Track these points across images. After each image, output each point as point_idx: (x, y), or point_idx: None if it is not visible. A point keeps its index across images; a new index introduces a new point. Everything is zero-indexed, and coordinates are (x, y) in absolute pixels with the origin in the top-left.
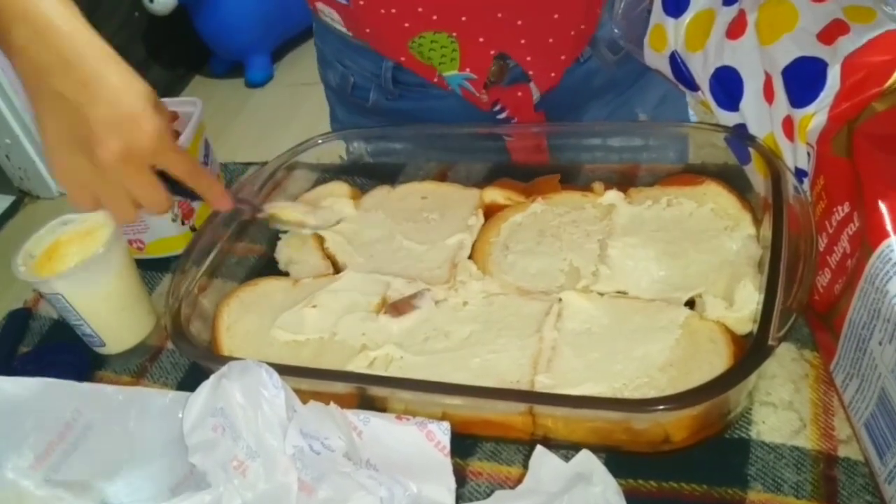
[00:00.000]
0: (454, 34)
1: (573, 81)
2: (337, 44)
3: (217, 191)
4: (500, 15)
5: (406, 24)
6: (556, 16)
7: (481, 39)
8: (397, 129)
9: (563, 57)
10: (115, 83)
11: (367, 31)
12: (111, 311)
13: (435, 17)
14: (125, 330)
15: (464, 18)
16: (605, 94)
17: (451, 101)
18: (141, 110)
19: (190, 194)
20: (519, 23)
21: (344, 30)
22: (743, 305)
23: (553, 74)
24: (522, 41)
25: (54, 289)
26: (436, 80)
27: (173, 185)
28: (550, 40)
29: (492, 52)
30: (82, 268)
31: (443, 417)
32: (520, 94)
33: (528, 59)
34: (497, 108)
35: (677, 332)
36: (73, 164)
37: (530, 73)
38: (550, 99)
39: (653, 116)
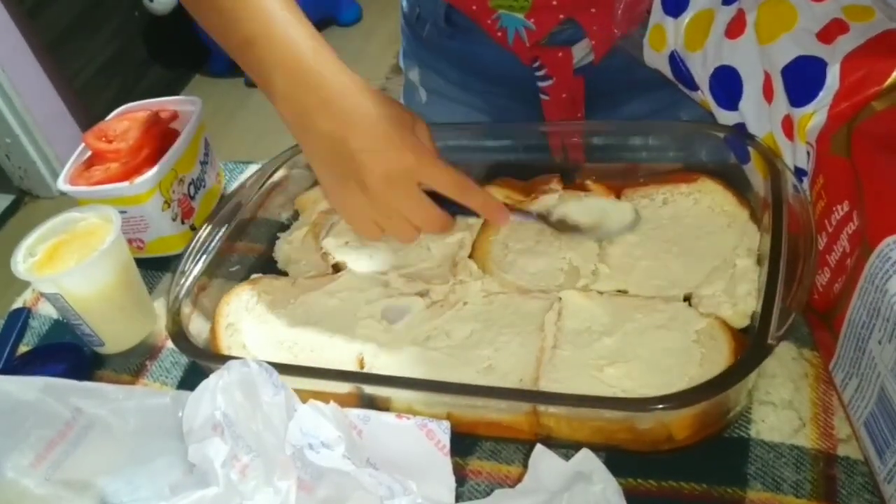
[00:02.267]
0: None
1: (615, 66)
2: None
3: (492, 205)
4: None
5: None
6: None
7: (555, 2)
8: None
9: (618, 32)
10: (370, 111)
11: None
12: (110, 311)
13: None
14: (125, 330)
15: None
16: (651, 91)
17: (494, 49)
18: (396, 132)
19: (468, 210)
20: None
21: None
22: (741, 300)
23: (611, 47)
24: (592, 10)
25: (54, 288)
26: (489, 22)
27: (452, 205)
28: (619, 12)
29: (560, 16)
30: (82, 267)
31: (446, 418)
32: (560, 54)
33: (594, 28)
34: (537, 64)
35: (677, 329)
36: (350, 198)
37: (593, 42)
38: (589, 79)
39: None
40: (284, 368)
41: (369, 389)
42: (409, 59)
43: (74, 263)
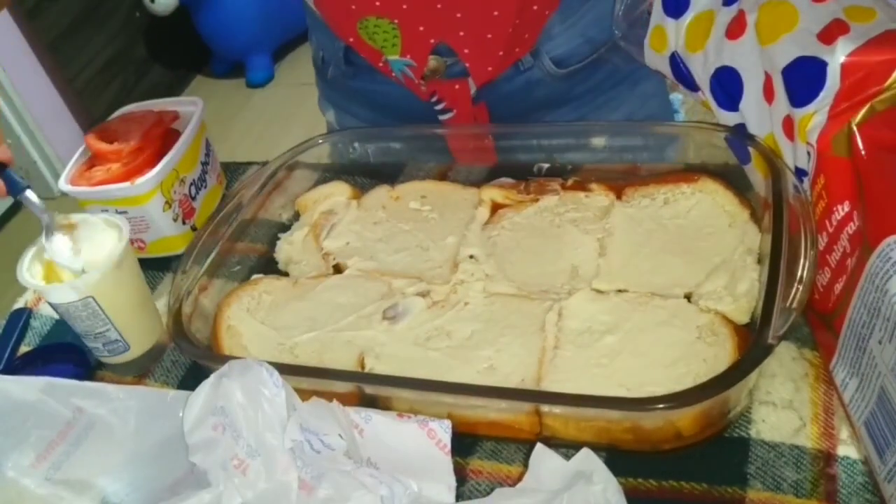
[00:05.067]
0: (396, 21)
1: (514, 89)
2: (311, 18)
3: None
4: (439, 6)
5: (353, 6)
6: (495, 13)
7: (421, 28)
8: (397, 129)
9: (500, 53)
10: None
11: (322, 9)
12: (134, 312)
13: (378, 3)
14: (144, 331)
15: (405, 6)
16: (555, 109)
17: (394, 87)
18: None
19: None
20: (458, 15)
21: (311, 5)
22: (742, 297)
23: (490, 69)
24: (461, 33)
25: (83, 293)
26: (381, 64)
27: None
28: (489, 35)
29: (431, 41)
30: (107, 267)
31: (447, 418)
32: (457, 87)
33: (466, 51)
34: (434, 98)
35: (679, 326)
36: None
37: (467, 64)
38: (494, 105)
39: None
40: (285, 368)
41: (370, 389)
42: (324, 101)
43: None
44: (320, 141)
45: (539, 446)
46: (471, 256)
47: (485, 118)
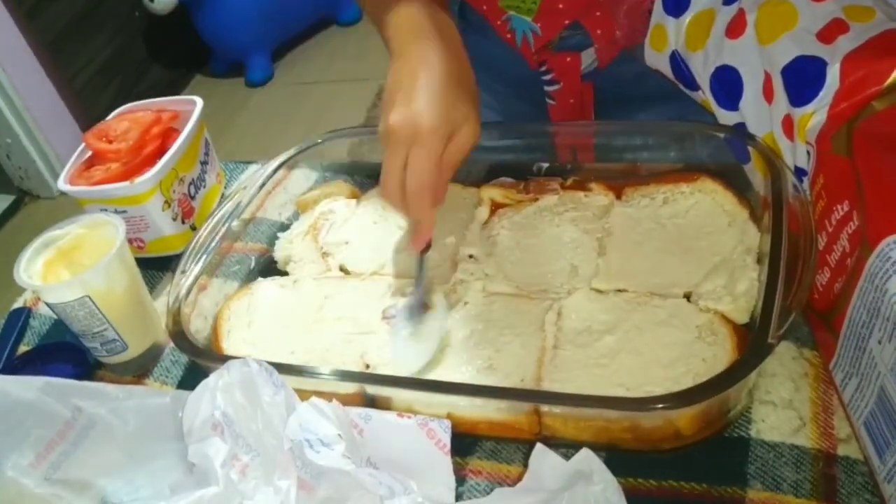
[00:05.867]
0: None
1: (624, 75)
2: None
3: (422, 231)
4: None
5: None
6: None
7: (561, 6)
8: None
9: (629, 39)
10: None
11: None
12: (132, 311)
13: None
14: (142, 331)
15: None
16: (662, 103)
17: (505, 49)
18: (423, 91)
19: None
20: None
21: None
22: (741, 297)
23: (616, 53)
24: (598, 13)
25: (79, 292)
26: (500, 22)
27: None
28: (624, 20)
29: (565, 22)
30: (104, 266)
31: (446, 418)
32: (568, 59)
33: (599, 32)
34: (544, 68)
35: (678, 326)
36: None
37: (597, 45)
38: (602, 87)
39: None
40: (285, 368)
41: (370, 389)
42: None
43: (80, 273)
44: (320, 141)
45: (539, 446)
46: (470, 256)
47: (590, 96)
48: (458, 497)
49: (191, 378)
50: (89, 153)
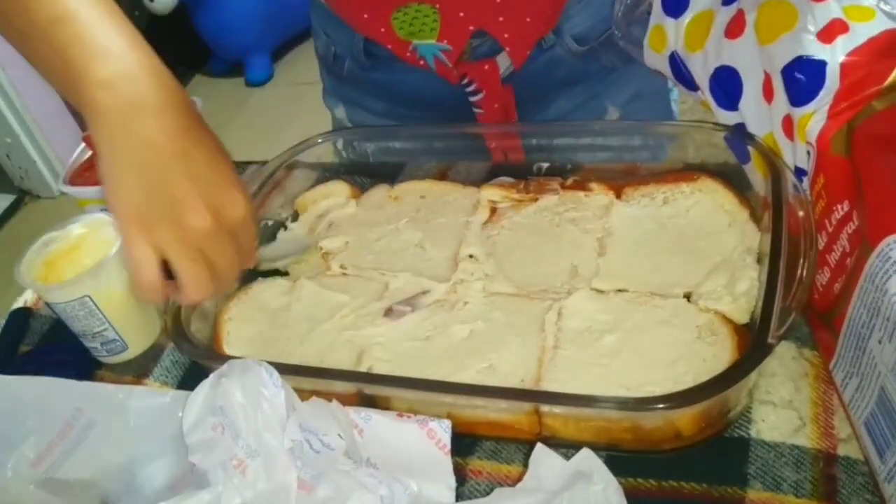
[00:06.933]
0: (437, 6)
1: (537, 68)
2: (322, 13)
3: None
4: None
5: None
6: None
7: (462, 14)
8: (397, 129)
9: (537, 34)
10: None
11: (347, 4)
12: (132, 311)
13: None
14: (143, 330)
15: None
16: (573, 87)
17: (419, 74)
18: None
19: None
20: (498, 0)
21: (325, 3)
22: (741, 297)
23: (528, 52)
24: (501, 18)
25: (80, 292)
26: (408, 53)
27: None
28: (528, 19)
29: (471, 28)
30: (104, 266)
31: (447, 418)
32: (486, 67)
33: (506, 35)
34: (465, 81)
35: (678, 326)
36: None
37: (507, 49)
38: (518, 85)
39: (625, 113)
40: (284, 368)
41: (370, 389)
42: (332, 97)
43: (79, 273)
44: (320, 140)
45: (539, 446)
46: (470, 256)
47: (511, 99)
48: (458, 497)
49: (191, 378)
50: (89, 153)
